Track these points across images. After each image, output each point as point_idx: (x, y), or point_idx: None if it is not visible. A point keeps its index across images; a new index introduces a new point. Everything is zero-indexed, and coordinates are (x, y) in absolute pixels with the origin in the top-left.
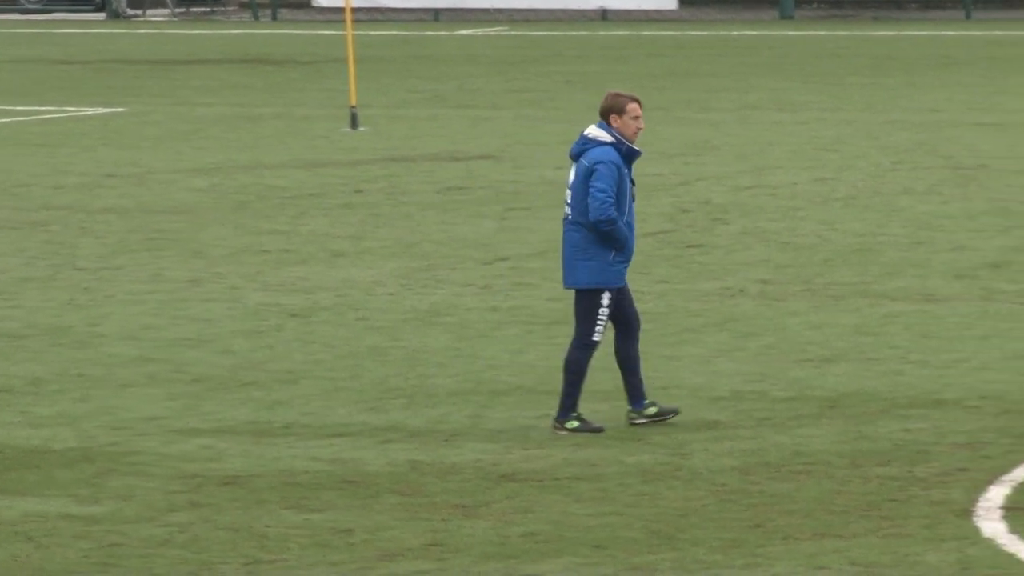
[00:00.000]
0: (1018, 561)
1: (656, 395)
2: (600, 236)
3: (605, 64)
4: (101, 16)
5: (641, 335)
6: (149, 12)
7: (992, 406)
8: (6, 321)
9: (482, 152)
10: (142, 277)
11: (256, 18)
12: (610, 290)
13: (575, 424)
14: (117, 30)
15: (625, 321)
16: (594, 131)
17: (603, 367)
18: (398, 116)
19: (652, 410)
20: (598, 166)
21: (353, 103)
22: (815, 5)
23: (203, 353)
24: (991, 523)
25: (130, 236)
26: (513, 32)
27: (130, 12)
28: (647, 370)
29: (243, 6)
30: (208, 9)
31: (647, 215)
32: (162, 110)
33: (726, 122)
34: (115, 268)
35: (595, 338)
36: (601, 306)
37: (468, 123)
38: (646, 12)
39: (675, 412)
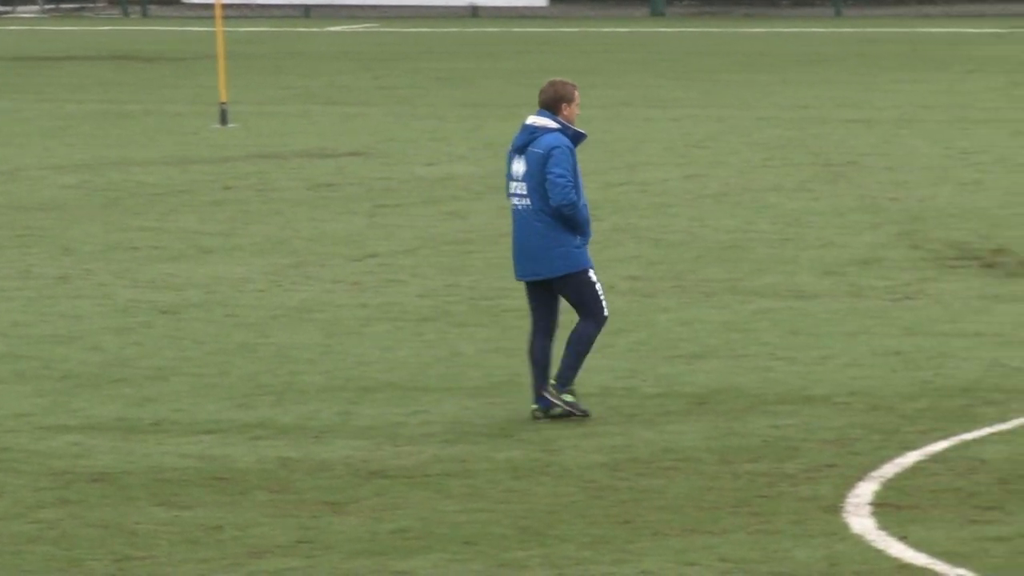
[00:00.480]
0: (886, 557)
1: (525, 392)
2: (563, 221)
3: (475, 61)
4: None
5: (512, 332)
6: (19, 8)
7: (860, 402)
8: None
9: (352, 149)
10: (11, 274)
11: (126, 15)
12: (591, 267)
13: (571, 398)
14: None
15: (550, 317)
16: (539, 120)
17: (475, 364)
18: (268, 113)
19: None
20: (554, 151)
21: (223, 100)
22: (686, 2)
23: (72, 350)
24: (859, 519)
25: None
26: (384, 29)
27: None
28: (517, 367)
29: (113, 3)
30: (78, 6)
31: None
32: (32, 107)
33: (597, 119)
34: None
35: (606, 313)
36: (593, 282)
37: (338, 120)
38: (517, 9)
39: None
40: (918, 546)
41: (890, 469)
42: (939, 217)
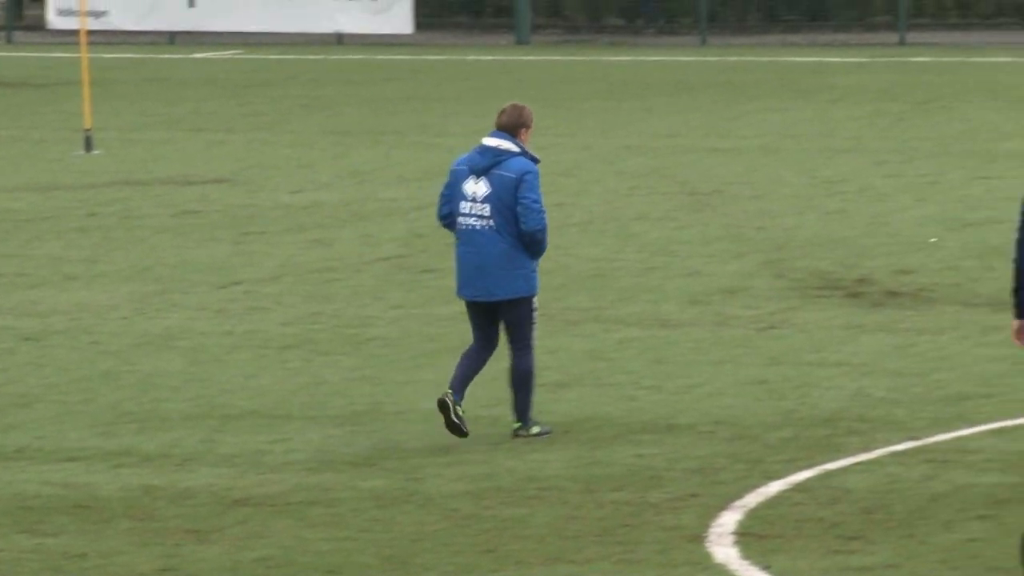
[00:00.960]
0: None
1: (389, 420)
2: (527, 245)
3: (340, 88)
4: None
5: (375, 361)
6: None
7: (724, 431)
8: None
9: (217, 176)
10: None
11: None
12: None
13: (538, 429)
14: None
15: (495, 336)
16: (502, 143)
17: (339, 392)
18: (133, 139)
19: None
20: (526, 176)
21: (88, 126)
22: (551, 30)
23: None
24: (723, 548)
25: None
26: (248, 56)
27: None
28: (380, 396)
29: None
30: None
31: (381, 240)
32: None
33: (462, 147)
34: None
35: (535, 341)
36: (534, 310)
37: (203, 146)
38: (382, 36)
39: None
40: None
41: (753, 499)
42: (804, 246)
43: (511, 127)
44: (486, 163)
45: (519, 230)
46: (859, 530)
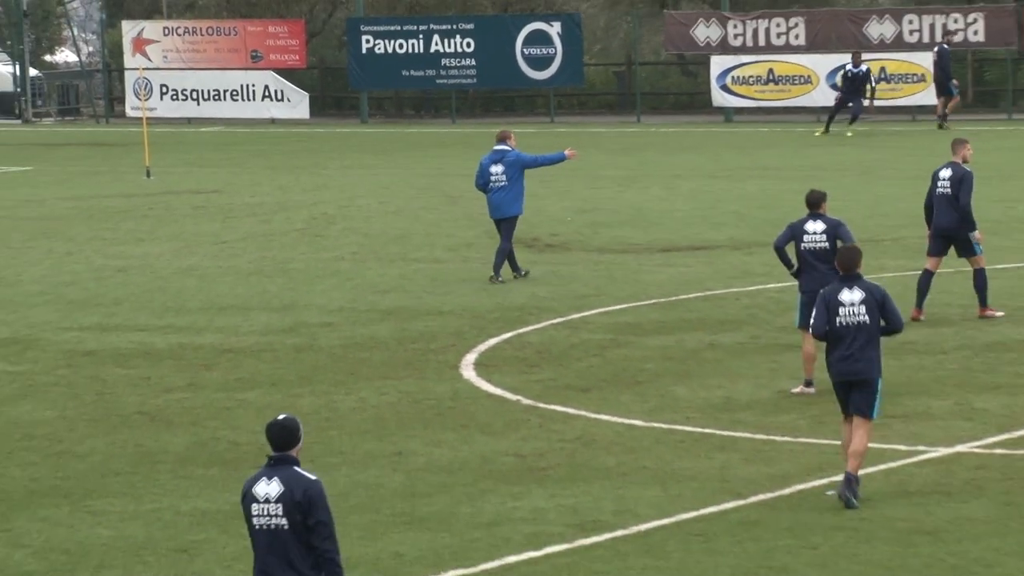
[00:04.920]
0: (481, 389)
1: (300, 311)
2: (534, 165)
3: (272, 145)
4: None
5: (294, 281)
6: (43, 119)
7: (468, 314)
8: None
9: (213, 188)
10: None
11: None
12: None
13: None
14: None
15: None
16: (503, 146)
17: (275, 296)
18: (169, 172)
19: None
20: (517, 157)
21: (147, 165)
22: (378, 115)
23: None
24: (467, 371)
25: None
26: (226, 129)
27: None
28: (296, 297)
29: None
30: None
31: (296, 220)
32: None
33: (337, 176)
34: None
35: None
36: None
37: (205, 175)
38: (293, 120)
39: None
40: (497, 385)
41: (483, 347)
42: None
43: (505, 139)
44: (498, 156)
45: (522, 173)
46: (536, 362)
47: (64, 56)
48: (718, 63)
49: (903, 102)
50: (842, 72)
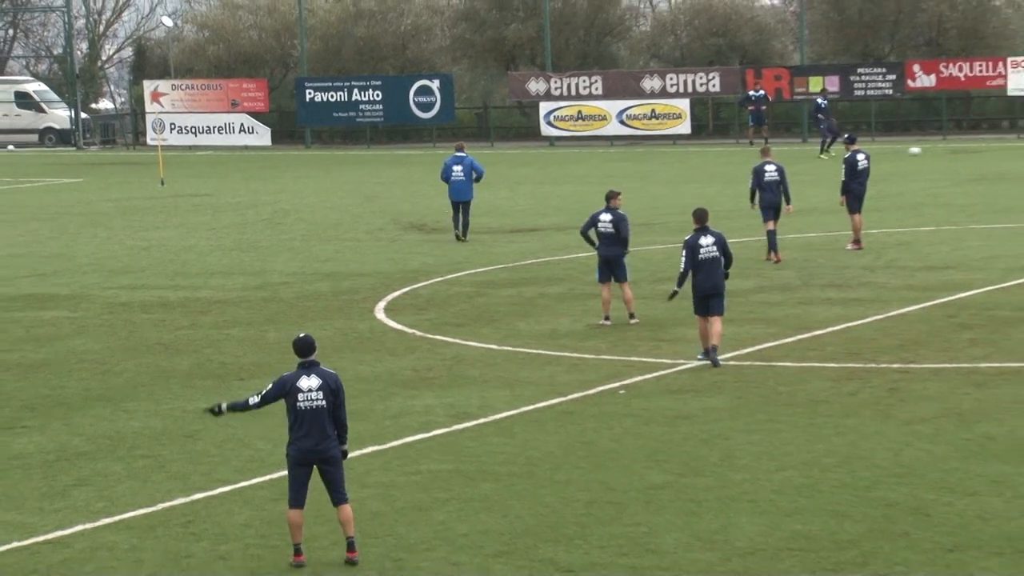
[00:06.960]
0: (389, 326)
1: (268, 275)
2: (477, 180)
3: (241, 165)
4: None
5: (260, 253)
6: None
7: (381, 276)
8: None
9: (205, 192)
10: None
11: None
12: None
13: None
14: None
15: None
16: (461, 152)
17: (248, 263)
18: (177, 181)
19: None
20: (473, 161)
21: (161, 176)
22: (317, 143)
23: None
24: (381, 314)
25: None
26: (214, 153)
27: None
28: (265, 265)
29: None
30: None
31: (260, 215)
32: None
33: (290, 182)
34: None
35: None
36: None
37: (200, 183)
38: (258, 146)
39: None
40: (400, 323)
41: (392, 296)
42: (408, 214)
43: (461, 148)
44: (458, 159)
45: (477, 177)
46: (425, 307)
47: (104, 103)
48: (545, 106)
49: (668, 132)
50: (744, 95)
